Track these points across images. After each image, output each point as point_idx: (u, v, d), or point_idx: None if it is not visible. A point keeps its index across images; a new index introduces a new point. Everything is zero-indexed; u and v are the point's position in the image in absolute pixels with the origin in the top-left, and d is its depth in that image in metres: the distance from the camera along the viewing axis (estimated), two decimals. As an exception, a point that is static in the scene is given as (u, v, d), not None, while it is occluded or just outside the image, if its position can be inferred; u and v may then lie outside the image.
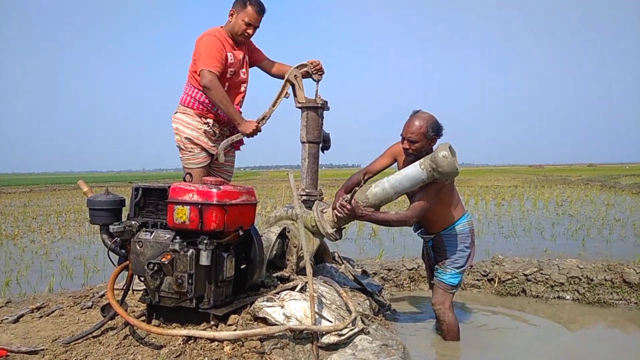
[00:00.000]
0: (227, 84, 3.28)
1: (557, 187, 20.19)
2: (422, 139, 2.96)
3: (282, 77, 3.40)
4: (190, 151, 3.32)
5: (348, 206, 2.96)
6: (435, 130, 2.97)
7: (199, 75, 3.16)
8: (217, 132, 3.34)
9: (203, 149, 3.33)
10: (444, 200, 3.08)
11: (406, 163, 3.06)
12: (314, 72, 3.35)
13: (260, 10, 3.28)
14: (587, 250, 5.93)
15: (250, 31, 3.30)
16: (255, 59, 3.54)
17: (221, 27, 3.33)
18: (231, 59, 3.26)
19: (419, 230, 3.33)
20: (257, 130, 3.25)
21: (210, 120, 3.30)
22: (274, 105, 3.34)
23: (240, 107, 3.47)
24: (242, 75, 3.40)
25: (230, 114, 3.21)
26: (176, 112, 3.37)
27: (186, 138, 3.30)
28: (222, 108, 3.20)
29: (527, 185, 22.83)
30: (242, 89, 3.46)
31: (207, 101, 3.28)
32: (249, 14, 3.24)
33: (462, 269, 3.17)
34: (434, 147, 2.97)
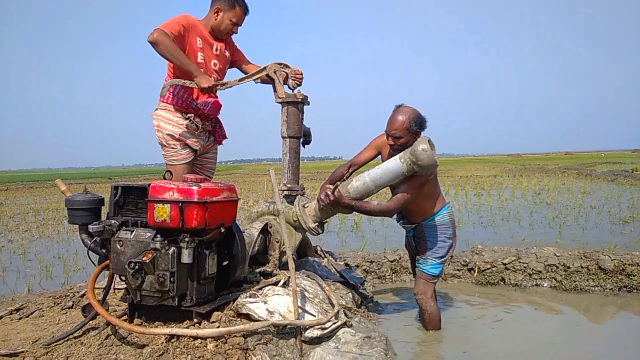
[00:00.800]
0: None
1: (535, 176, 20.53)
2: (405, 134, 2.96)
3: (265, 82, 3.39)
4: (173, 147, 3.30)
5: (331, 197, 3.00)
6: (418, 124, 2.98)
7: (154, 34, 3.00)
8: (200, 126, 3.32)
9: (186, 144, 3.30)
10: (427, 193, 3.12)
11: (390, 156, 3.08)
12: (293, 78, 3.34)
13: (247, 11, 3.32)
14: (564, 238, 6.06)
15: (235, 30, 3.33)
16: (237, 59, 3.53)
17: (191, 16, 3.26)
18: (200, 44, 3.21)
19: (401, 220, 3.38)
20: (212, 87, 3.15)
21: (191, 115, 3.28)
22: (240, 80, 3.32)
23: (217, 94, 3.42)
24: (212, 66, 3.34)
25: (185, 64, 3.06)
26: (156, 109, 3.33)
27: (168, 134, 3.27)
28: (173, 61, 3.06)
29: (505, 174, 23.17)
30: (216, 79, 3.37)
31: (186, 96, 3.25)
32: (237, 14, 3.27)
33: (443, 259, 3.22)
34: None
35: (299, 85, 3.37)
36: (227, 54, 3.42)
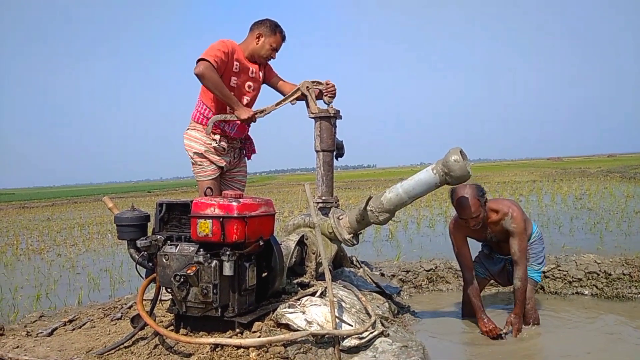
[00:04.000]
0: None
1: (576, 180, 19.96)
2: (479, 209, 3.17)
3: (300, 99, 3.50)
4: (199, 165, 3.45)
5: (517, 325, 3.30)
6: (482, 195, 3.22)
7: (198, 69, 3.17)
8: (226, 147, 3.46)
9: (211, 162, 3.45)
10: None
11: (474, 234, 3.46)
12: (327, 94, 3.45)
13: (285, 38, 3.48)
14: (606, 244, 5.91)
15: (274, 56, 3.48)
16: (268, 76, 3.66)
17: (233, 42, 3.40)
18: (236, 68, 3.34)
19: (498, 256, 3.67)
20: (252, 118, 3.32)
21: (217, 137, 3.41)
22: (276, 105, 3.44)
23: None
24: (246, 88, 3.48)
25: (226, 97, 3.26)
26: (188, 129, 3.50)
27: (195, 153, 3.43)
28: (217, 94, 3.25)
29: (545, 179, 22.61)
30: (245, 102, 3.51)
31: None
32: (277, 41, 3.43)
33: (542, 265, 3.62)
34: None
35: (333, 98, 3.47)
36: (261, 74, 3.55)
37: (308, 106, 3.44)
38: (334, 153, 3.54)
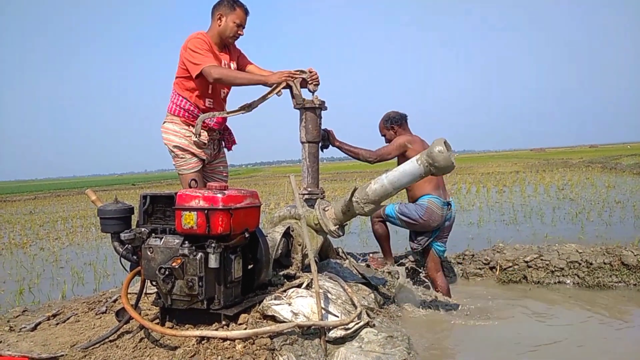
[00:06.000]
0: (210, 87, 3.33)
1: (558, 171, 20.24)
2: (384, 131, 4.11)
3: (285, 88, 3.46)
4: (182, 158, 3.41)
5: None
6: (388, 121, 4.08)
7: (195, 77, 3.21)
8: (206, 141, 3.41)
9: (193, 154, 3.41)
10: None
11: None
12: (311, 82, 3.41)
13: (247, 11, 3.40)
14: (587, 234, 6.01)
15: (241, 32, 3.40)
16: (242, 64, 3.61)
17: (204, 32, 3.36)
18: None
19: None
20: (281, 81, 3.28)
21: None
22: (263, 98, 3.38)
23: (225, 107, 3.54)
24: None
25: (253, 80, 3.30)
26: (164, 122, 3.44)
27: (175, 146, 3.38)
28: (242, 83, 3.28)
29: (528, 170, 22.87)
30: (222, 94, 3.50)
31: (192, 109, 3.35)
32: (239, 16, 3.34)
33: (406, 217, 3.96)
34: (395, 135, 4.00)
35: (317, 86, 3.45)
36: (233, 65, 3.51)
37: (293, 97, 3.42)
38: (320, 144, 3.53)
